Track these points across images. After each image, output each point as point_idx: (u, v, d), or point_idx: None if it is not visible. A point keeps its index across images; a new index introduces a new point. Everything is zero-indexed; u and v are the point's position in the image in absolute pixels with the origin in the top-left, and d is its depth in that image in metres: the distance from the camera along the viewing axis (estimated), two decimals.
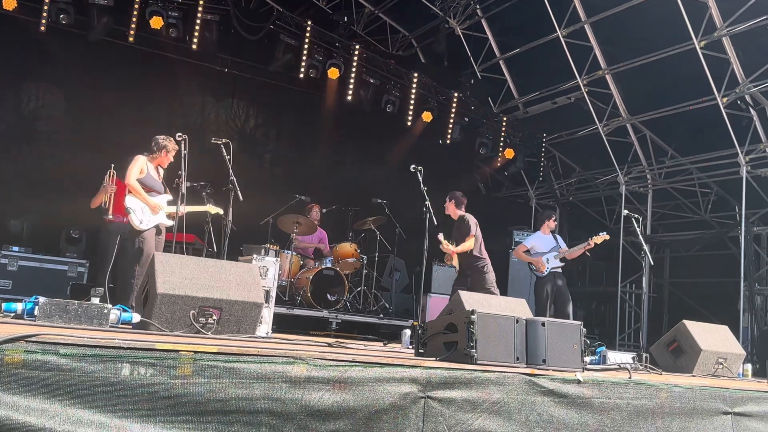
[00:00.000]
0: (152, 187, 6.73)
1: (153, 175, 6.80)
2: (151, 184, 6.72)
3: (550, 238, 9.30)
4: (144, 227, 6.55)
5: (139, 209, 6.56)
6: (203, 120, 12.00)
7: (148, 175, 6.72)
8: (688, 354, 6.01)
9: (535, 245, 9.18)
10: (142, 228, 6.54)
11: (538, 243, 9.20)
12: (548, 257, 9.06)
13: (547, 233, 9.31)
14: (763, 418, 4.99)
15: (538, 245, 9.17)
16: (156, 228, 6.67)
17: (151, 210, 6.62)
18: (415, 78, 12.39)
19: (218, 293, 4.44)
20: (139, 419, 2.87)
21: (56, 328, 3.64)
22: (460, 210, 7.99)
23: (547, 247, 9.14)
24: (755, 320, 10.22)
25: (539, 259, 9.04)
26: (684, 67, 10.31)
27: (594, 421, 4.20)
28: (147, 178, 6.70)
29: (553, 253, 9.06)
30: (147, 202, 6.59)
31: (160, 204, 6.69)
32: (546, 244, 9.17)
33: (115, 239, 7.37)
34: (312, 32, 11.13)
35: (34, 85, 10.46)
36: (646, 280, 12.49)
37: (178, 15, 9.89)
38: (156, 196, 6.72)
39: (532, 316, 4.89)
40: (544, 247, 9.14)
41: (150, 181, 6.73)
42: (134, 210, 6.52)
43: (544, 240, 9.24)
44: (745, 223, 10.40)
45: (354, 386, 3.43)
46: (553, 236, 9.34)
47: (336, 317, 9.29)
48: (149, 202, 6.60)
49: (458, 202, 8.00)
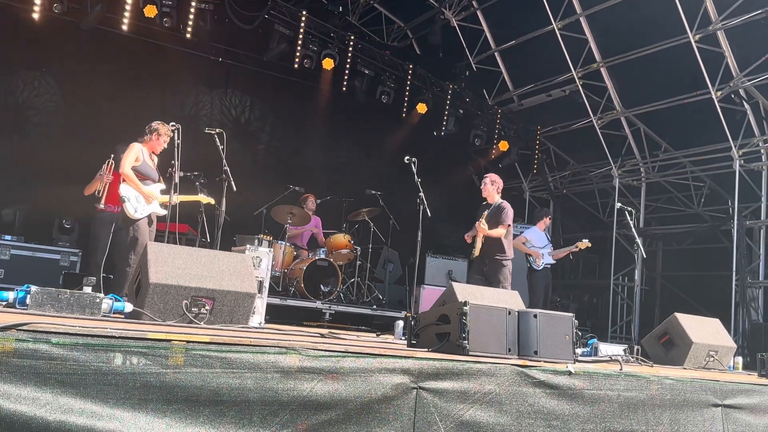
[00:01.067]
0: (147, 175, 6.68)
1: (149, 163, 6.76)
2: (146, 172, 6.68)
3: (544, 235, 9.78)
4: (138, 216, 6.52)
5: (134, 198, 6.53)
6: (197, 110, 11.95)
7: (144, 163, 6.68)
8: (679, 346, 6.03)
9: (532, 239, 9.61)
10: (137, 217, 6.51)
11: (534, 237, 9.64)
12: (544, 252, 9.49)
13: (541, 229, 9.77)
14: (752, 411, 5.02)
15: (534, 239, 9.61)
16: (148, 218, 6.64)
17: (145, 199, 6.59)
18: (410, 69, 12.37)
19: (211, 283, 4.44)
20: (130, 408, 2.87)
21: (48, 316, 3.63)
22: (498, 196, 7.83)
23: (541, 243, 9.61)
24: (746, 313, 10.27)
25: (538, 251, 9.47)
26: (678, 61, 10.33)
27: (585, 412, 4.22)
28: (143, 166, 6.66)
29: (547, 250, 9.52)
30: (141, 191, 6.56)
31: (154, 193, 6.66)
32: (540, 240, 9.64)
33: (108, 229, 7.36)
34: (307, 22, 11.09)
35: (26, 74, 10.39)
36: (639, 273, 12.54)
37: (172, 4, 9.82)
38: (150, 185, 6.69)
39: (525, 308, 4.90)
40: (538, 242, 9.60)
41: (145, 169, 6.68)
42: (129, 198, 6.49)
43: (539, 236, 9.71)
44: (738, 216, 10.44)
45: (346, 377, 3.44)
46: (545, 233, 9.83)
47: (329, 308, 9.29)
48: (143, 191, 6.57)
49: (499, 187, 7.87)
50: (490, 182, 7.83)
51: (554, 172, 14.11)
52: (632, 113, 11.87)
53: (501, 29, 12.69)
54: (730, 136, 10.38)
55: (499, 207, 7.64)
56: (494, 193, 7.79)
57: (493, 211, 7.63)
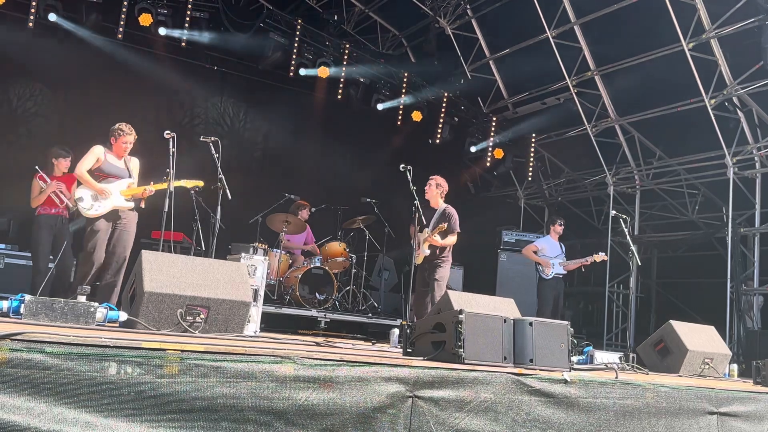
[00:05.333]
0: (110, 173, 6.67)
1: (113, 162, 6.73)
2: (109, 170, 6.67)
3: (558, 245, 9.77)
4: (95, 212, 6.51)
5: (89, 197, 6.53)
6: (192, 118, 11.95)
7: (107, 163, 6.67)
8: (674, 354, 6.04)
9: (545, 248, 9.70)
10: (92, 214, 6.51)
11: (547, 246, 9.75)
12: (554, 262, 9.50)
13: (555, 239, 9.78)
14: (748, 418, 5.03)
15: (547, 248, 9.69)
16: (114, 212, 6.59)
17: (101, 195, 6.55)
18: (405, 77, 12.39)
19: (206, 292, 4.42)
20: (125, 418, 2.86)
21: (42, 326, 3.62)
22: (442, 200, 7.64)
23: (554, 252, 9.66)
24: (741, 321, 10.28)
25: (547, 260, 9.49)
26: (672, 69, 10.36)
27: (580, 420, 4.22)
28: (105, 165, 6.65)
29: (559, 260, 9.53)
30: (95, 188, 6.54)
31: (108, 188, 6.57)
32: (553, 250, 9.69)
33: (48, 232, 7.39)
34: (302, 30, 11.12)
35: (21, 82, 10.37)
36: (634, 281, 12.54)
37: (168, 12, 9.85)
38: (112, 182, 6.64)
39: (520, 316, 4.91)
40: (551, 252, 9.67)
41: (108, 168, 6.67)
42: (83, 198, 6.51)
43: (552, 245, 9.74)
44: (732, 224, 10.46)
45: (341, 385, 3.43)
46: (559, 243, 9.79)
47: (325, 316, 9.27)
48: (97, 188, 6.54)
49: (444, 191, 7.66)
50: (435, 185, 7.58)
51: (549, 180, 14.13)
52: (626, 121, 11.90)
53: (496, 37, 12.72)
54: (724, 143, 10.42)
55: (447, 213, 7.43)
56: (438, 197, 7.60)
57: (439, 217, 7.42)
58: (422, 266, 7.47)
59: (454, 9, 12.65)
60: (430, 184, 7.64)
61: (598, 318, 13.15)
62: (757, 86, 9.75)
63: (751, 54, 9.56)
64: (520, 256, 10.63)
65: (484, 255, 12.76)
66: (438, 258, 7.38)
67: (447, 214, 7.43)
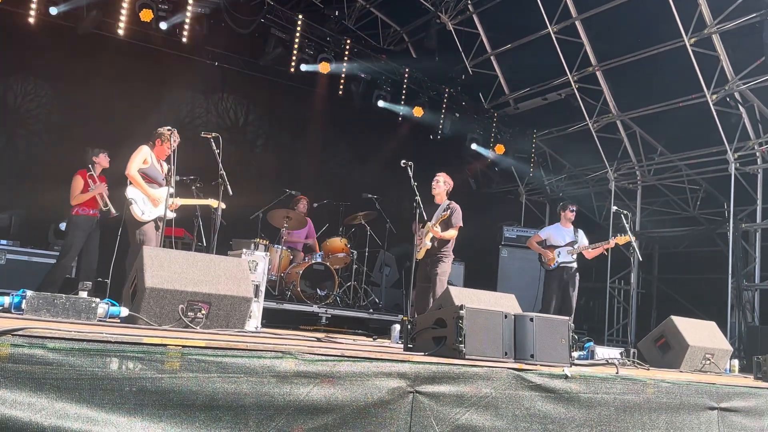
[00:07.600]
0: (154, 179, 6.59)
1: (156, 167, 6.66)
2: (153, 175, 6.59)
3: (570, 231, 8.77)
4: (146, 218, 6.41)
5: (141, 200, 6.42)
6: (193, 114, 11.94)
7: (152, 166, 6.59)
8: (675, 350, 6.04)
9: (551, 236, 8.77)
10: (144, 219, 6.40)
11: (554, 234, 8.78)
12: (560, 251, 8.61)
13: (566, 226, 8.81)
14: (748, 414, 5.03)
15: (554, 237, 8.74)
16: (155, 222, 6.51)
17: (152, 202, 6.47)
18: (407, 73, 12.38)
19: (207, 287, 4.43)
20: (126, 413, 2.86)
21: (43, 321, 3.62)
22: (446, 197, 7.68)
23: (563, 239, 8.68)
24: (742, 316, 10.28)
25: (549, 251, 8.63)
26: (674, 64, 10.36)
27: (581, 415, 4.22)
28: (150, 169, 6.57)
29: (568, 248, 8.60)
30: (147, 194, 6.46)
31: (161, 197, 6.46)
32: (563, 237, 8.71)
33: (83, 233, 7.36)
34: (303, 26, 11.12)
35: (22, 78, 10.37)
36: (635, 276, 12.55)
37: (168, 8, 9.83)
38: (157, 189, 6.57)
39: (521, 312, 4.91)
40: (560, 239, 8.69)
41: (153, 172, 6.59)
42: (135, 201, 6.38)
43: (562, 232, 8.77)
44: (734, 219, 10.46)
45: (342, 381, 3.43)
46: (574, 230, 8.77)
47: (326, 312, 9.28)
48: (150, 194, 6.46)
49: (449, 189, 7.70)
50: (443, 182, 7.65)
51: (550, 176, 14.13)
52: (628, 116, 11.90)
53: (497, 33, 12.71)
54: (725, 139, 10.41)
55: (452, 207, 7.44)
56: (444, 193, 7.66)
57: (445, 210, 7.42)
58: (423, 261, 7.47)
59: (456, 4, 12.64)
60: (438, 180, 7.67)
61: (599, 313, 13.16)
62: (759, 82, 9.75)
63: (752, 49, 9.55)
64: (522, 251, 10.58)
65: (485, 251, 12.77)
66: (439, 253, 7.39)
67: (453, 209, 7.43)
